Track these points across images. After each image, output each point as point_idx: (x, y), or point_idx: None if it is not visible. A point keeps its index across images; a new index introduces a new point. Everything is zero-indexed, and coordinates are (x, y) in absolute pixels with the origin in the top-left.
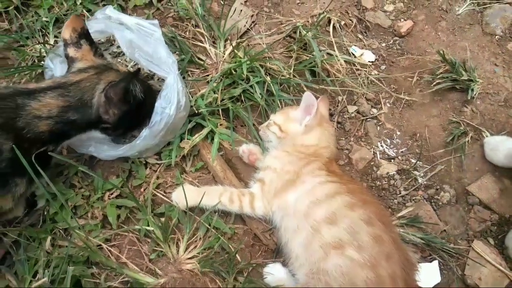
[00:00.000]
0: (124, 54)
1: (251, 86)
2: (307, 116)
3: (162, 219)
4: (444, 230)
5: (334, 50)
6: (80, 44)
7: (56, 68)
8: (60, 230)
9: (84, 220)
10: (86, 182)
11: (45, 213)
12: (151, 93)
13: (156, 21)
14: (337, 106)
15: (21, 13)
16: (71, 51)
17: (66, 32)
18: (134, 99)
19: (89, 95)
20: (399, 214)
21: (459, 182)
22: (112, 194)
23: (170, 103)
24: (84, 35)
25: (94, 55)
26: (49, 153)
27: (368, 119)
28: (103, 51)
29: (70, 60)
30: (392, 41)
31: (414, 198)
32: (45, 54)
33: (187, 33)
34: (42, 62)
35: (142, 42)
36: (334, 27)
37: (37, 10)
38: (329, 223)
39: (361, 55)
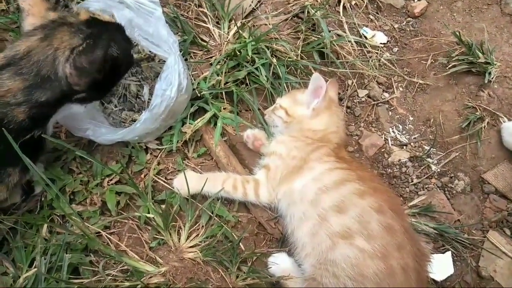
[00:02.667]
0: None
1: (256, 69)
2: (315, 99)
3: (163, 206)
4: (458, 220)
5: (345, 31)
6: None
7: None
8: (58, 217)
9: (83, 207)
10: (85, 167)
11: (43, 199)
12: (124, 40)
13: None
14: (347, 90)
15: None
16: (20, 0)
17: None
18: (113, 61)
19: (49, 70)
20: (411, 203)
21: (474, 169)
22: (111, 180)
23: (171, 84)
24: None
25: (52, 10)
26: (43, 135)
27: (379, 104)
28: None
29: (21, 16)
30: (405, 22)
31: (427, 186)
32: None
33: (190, 13)
34: None
35: (142, 21)
36: (344, 7)
37: None
38: (337, 211)
39: (373, 36)
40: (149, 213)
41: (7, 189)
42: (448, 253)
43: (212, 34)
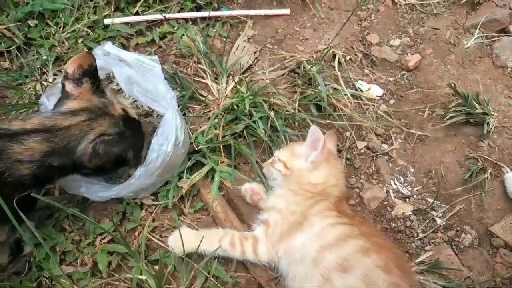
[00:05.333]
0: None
1: (254, 122)
2: (314, 151)
3: (156, 267)
4: (469, 277)
5: (340, 85)
6: (81, 82)
7: (51, 106)
8: (46, 279)
9: (73, 268)
10: (77, 225)
11: (31, 259)
12: (140, 129)
13: (155, 57)
14: (345, 142)
15: (23, 53)
16: (69, 87)
17: (71, 67)
18: (122, 160)
19: (76, 142)
20: (418, 260)
21: (480, 222)
22: (104, 238)
23: (167, 139)
24: (89, 73)
25: (94, 94)
26: (32, 194)
27: (378, 155)
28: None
29: (64, 94)
30: (400, 75)
31: (433, 241)
32: (41, 92)
33: (189, 69)
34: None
35: (141, 78)
36: (339, 62)
37: (39, 49)
38: (341, 270)
39: (368, 89)
40: (141, 274)
41: None
42: None
43: (211, 89)
